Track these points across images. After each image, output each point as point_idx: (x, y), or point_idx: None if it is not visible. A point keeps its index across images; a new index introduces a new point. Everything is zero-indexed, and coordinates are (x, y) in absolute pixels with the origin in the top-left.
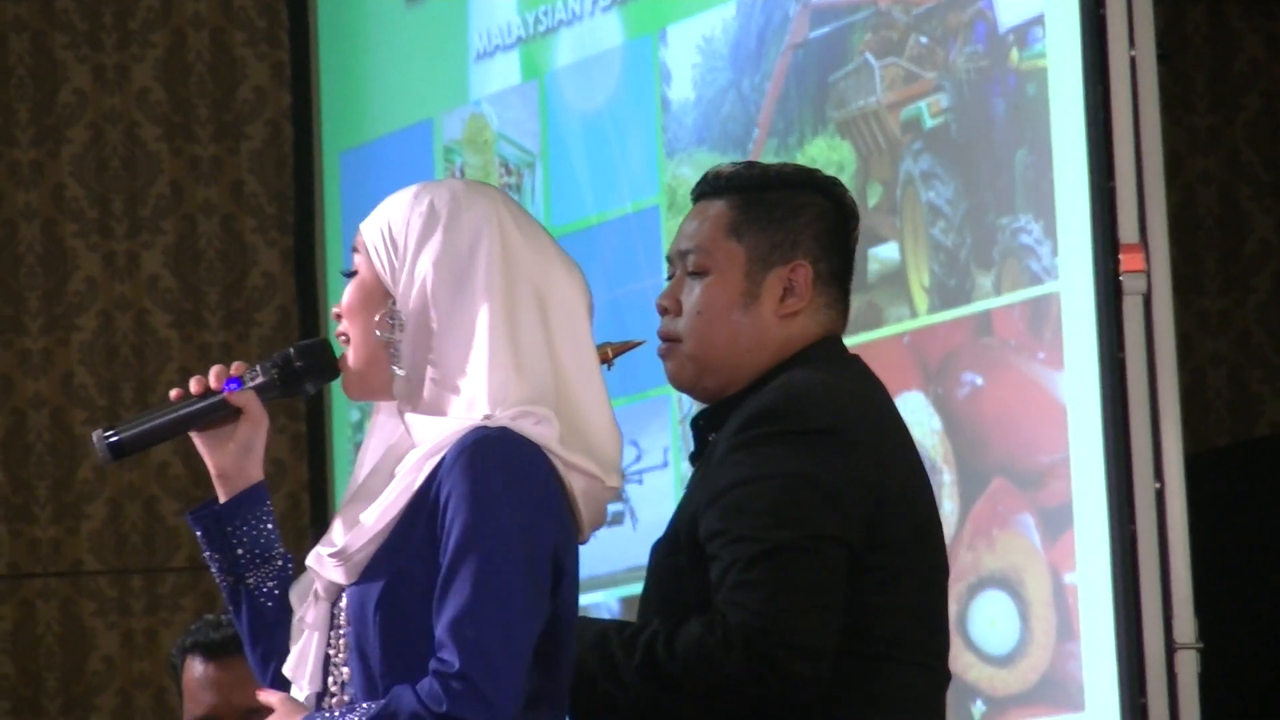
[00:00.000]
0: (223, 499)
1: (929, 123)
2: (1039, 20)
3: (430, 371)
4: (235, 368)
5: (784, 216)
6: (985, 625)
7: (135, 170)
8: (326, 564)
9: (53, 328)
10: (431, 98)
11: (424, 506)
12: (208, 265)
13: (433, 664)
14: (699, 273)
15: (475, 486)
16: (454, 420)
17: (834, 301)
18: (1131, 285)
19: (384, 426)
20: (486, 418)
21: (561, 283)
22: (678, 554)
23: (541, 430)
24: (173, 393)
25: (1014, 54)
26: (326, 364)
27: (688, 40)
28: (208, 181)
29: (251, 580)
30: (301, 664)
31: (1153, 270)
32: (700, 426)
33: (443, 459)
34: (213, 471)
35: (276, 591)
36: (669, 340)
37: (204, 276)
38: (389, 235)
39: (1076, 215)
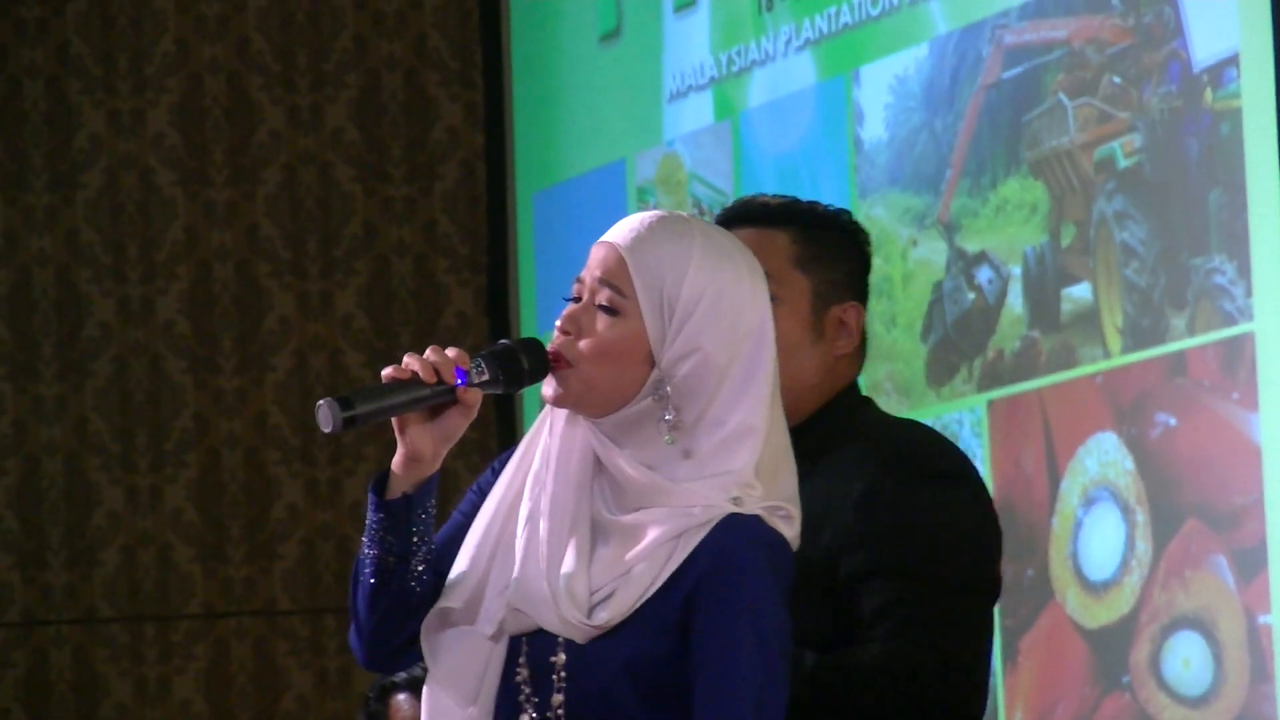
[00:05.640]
0: (408, 483)
1: (1122, 163)
2: (1234, 60)
3: (686, 442)
4: (458, 358)
5: (839, 257)
6: (1178, 666)
7: (329, 210)
8: (554, 623)
9: (247, 368)
10: (625, 138)
11: (679, 584)
12: (401, 305)
13: None
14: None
15: (745, 592)
16: (700, 492)
17: (863, 345)
18: None
19: (568, 434)
20: (736, 500)
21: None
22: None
23: (790, 527)
24: (386, 371)
25: (1208, 94)
26: (544, 368)
27: (880, 80)
28: (401, 222)
29: (414, 563)
30: (467, 682)
31: None
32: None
33: (702, 541)
34: (406, 451)
35: (426, 576)
36: None
37: (397, 317)
38: (663, 296)
39: (1271, 256)
